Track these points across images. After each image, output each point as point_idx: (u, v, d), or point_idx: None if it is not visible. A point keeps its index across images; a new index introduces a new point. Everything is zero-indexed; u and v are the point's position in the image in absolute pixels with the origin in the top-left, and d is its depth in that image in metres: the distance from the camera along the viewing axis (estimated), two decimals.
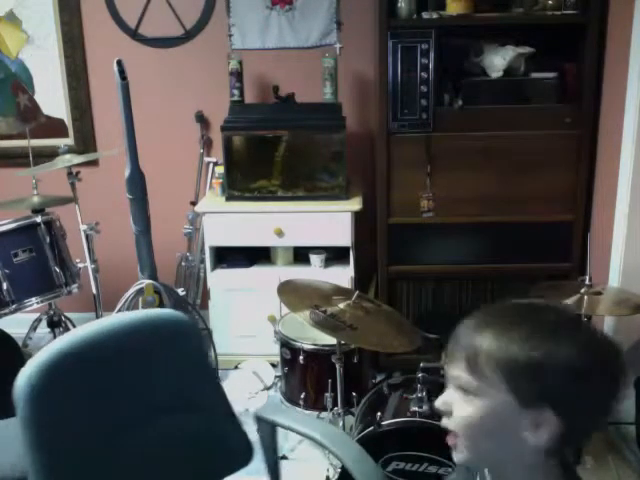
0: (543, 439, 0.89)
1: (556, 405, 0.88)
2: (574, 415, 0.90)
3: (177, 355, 1.40)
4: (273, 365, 3.07)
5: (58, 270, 2.67)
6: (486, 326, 0.93)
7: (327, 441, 1.49)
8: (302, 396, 2.45)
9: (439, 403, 0.97)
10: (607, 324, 2.65)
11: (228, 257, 3.15)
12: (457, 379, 0.94)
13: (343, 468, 1.96)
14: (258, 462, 2.50)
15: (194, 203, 3.30)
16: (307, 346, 2.42)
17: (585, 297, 2.25)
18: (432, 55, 2.67)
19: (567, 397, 0.89)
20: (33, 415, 1.17)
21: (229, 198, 3.05)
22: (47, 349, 1.22)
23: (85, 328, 1.29)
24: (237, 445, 1.51)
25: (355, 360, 2.41)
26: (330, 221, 2.96)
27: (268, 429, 1.53)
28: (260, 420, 1.54)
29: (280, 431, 2.80)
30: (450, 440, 0.96)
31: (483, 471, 1.03)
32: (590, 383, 0.89)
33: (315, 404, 2.45)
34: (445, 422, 0.96)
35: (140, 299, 1.83)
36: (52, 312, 2.94)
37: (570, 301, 2.24)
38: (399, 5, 2.68)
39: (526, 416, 0.89)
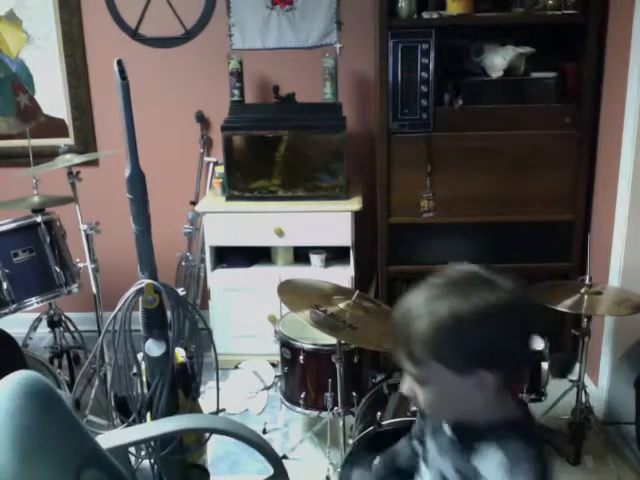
0: (490, 391, 1.03)
1: (484, 363, 1.00)
2: (503, 363, 1.02)
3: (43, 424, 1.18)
4: (273, 365, 3.07)
5: (58, 270, 2.67)
6: (412, 316, 1.02)
7: (187, 425, 1.55)
8: (302, 396, 2.45)
9: (404, 390, 1.11)
10: (607, 324, 2.65)
11: (228, 257, 3.15)
12: (408, 371, 1.06)
13: (343, 468, 1.97)
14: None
15: (194, 203, 3.30)
16: (307, 346, 2.42)
17: (585, 297, 2.26)
18: (432, 55, 2.67)
19: (490, 353, 1.00)
20: None
21: (229, 198, 3.05)
22: None
23: None
24: None
25: (355, 360, 2.40)
26: (330, 221, 2.95)
27: (123, 457, 1.46)
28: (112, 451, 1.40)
29: (281, 430, 2.80)
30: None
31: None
32: (505, 331, 1.01)
33: (315, 404, 2.45)
34: (414, 404, 1.14)
35: (140, 299, 1.82)
36: (52, 312, 2.94)
37: (570, 301, 2.25)
38: (399, 5, 2.68)
39: (468, 382, 1.02)
